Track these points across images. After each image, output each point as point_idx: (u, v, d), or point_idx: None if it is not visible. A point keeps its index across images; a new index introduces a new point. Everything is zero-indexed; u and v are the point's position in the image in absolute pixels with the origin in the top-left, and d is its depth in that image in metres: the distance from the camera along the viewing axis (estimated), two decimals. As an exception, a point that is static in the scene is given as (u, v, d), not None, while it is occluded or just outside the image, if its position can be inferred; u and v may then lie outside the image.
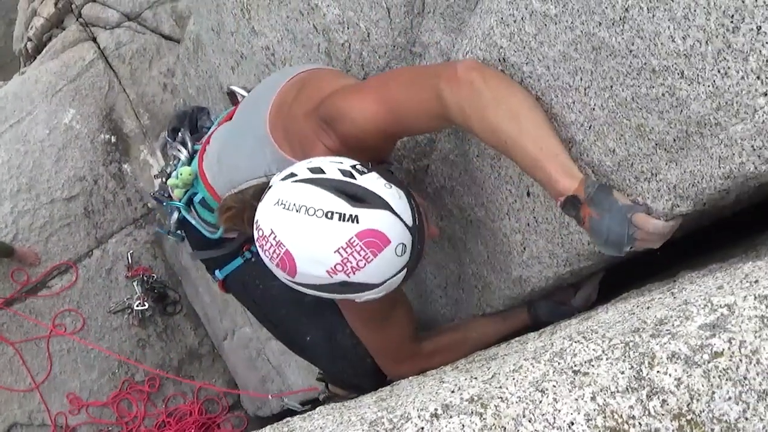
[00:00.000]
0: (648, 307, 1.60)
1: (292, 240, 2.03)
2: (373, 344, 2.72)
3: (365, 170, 2.12)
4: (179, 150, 3.06)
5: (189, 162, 3.00)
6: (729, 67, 1.60)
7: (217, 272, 3.05)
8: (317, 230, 2.01)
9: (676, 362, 1.36)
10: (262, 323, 3.28)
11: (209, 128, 3.07)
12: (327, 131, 2.36)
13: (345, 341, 2.84)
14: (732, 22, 1.56)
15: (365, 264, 2.01)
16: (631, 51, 1.78)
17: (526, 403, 1.37)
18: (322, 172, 2.08)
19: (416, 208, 2.13)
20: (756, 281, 1.46)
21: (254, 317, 3.33)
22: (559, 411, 1.35)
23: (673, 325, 1.44)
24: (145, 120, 6.09)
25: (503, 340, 2.43)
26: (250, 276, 2.97)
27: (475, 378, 1.49)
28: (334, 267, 2.01)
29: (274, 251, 2.05)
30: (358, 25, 2.75)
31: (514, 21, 2.08)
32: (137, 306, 5.87)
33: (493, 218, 2.46)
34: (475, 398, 1.40)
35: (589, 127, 1.98)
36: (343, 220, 2.00)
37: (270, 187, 2.13)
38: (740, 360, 1.35)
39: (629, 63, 1.80)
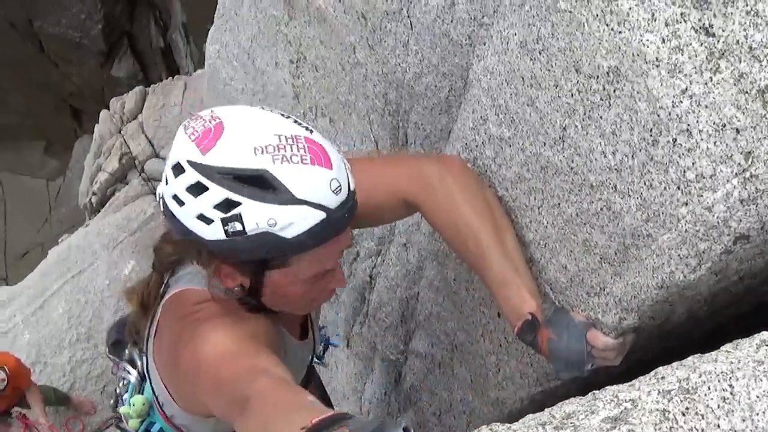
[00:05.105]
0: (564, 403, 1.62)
1: (233, 114, 1.74)
2: None
3: None
4: (128, 372, 2.39)
5: (140, 386, 2.37)
6: (653, 179, 1.66)
7: None
8: (267, 115, 1.75)
9: (574, 453, 1.38)
10: None
11: None
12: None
13: None
14: (651, 135, 1.64)
15: (298, 161, 1.67)
16: (572, 168, 1.86)
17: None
18: None
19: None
20: (663, 377, 1.48)
21: None
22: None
23: (578, 418, 1.46)
24: (203, 270, 6.26)
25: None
26: None
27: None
28: (266, 146, 1.66)
29: (202, 125, 1.71)
30: (353, 159, 2.89)
31: (476, 146, 2.19)
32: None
33: (471, 341, 2.50)
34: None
35: (545, 245, 2.04)
36: (299, 124, 1.75)
37: None
38: (639, 451, 1.36)
39: (571, 180, 1.88)
